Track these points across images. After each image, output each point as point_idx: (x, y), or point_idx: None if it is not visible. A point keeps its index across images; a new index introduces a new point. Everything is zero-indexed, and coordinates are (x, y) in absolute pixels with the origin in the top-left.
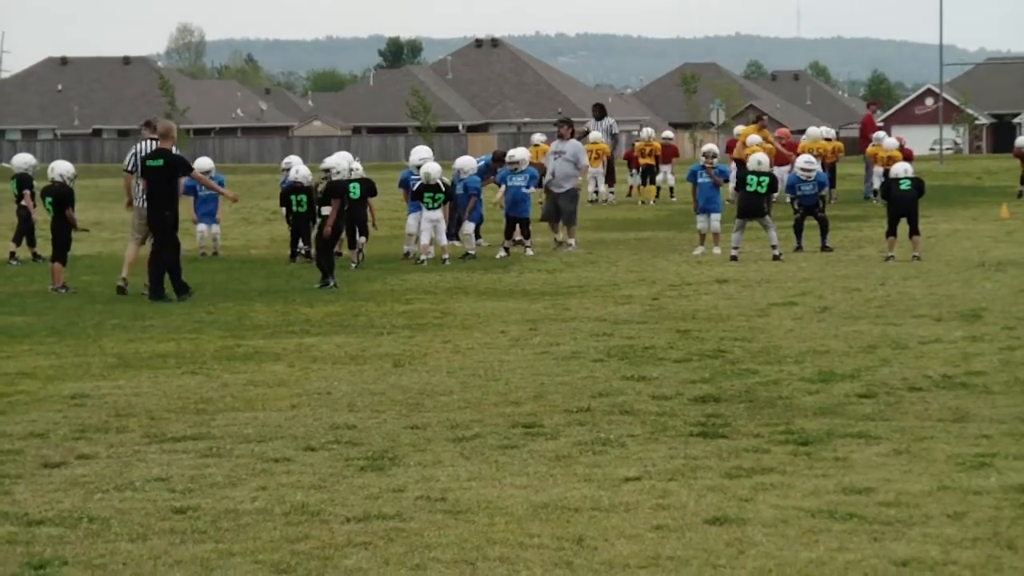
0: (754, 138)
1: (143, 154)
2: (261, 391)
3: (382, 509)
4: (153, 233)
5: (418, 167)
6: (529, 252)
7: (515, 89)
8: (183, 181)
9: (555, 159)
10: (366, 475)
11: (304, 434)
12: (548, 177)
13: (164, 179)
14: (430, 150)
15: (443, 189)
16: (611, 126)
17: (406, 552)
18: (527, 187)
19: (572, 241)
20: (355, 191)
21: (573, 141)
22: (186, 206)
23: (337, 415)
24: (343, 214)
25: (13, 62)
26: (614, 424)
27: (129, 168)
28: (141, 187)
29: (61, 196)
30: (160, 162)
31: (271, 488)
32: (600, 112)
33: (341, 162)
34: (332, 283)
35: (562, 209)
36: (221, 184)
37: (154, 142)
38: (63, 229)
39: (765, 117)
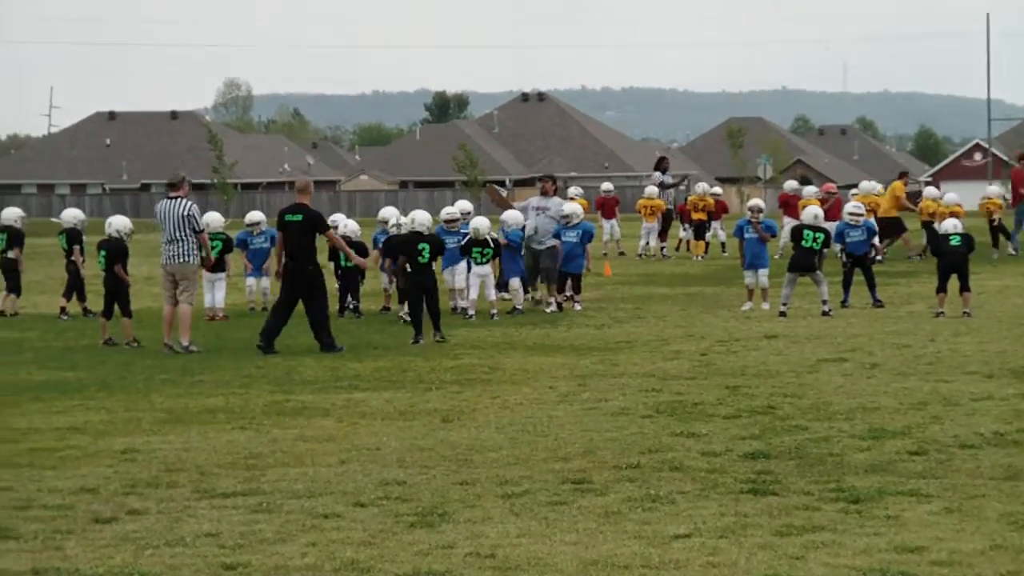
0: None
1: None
2: (310, 446)
3: (432, 566)
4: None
5: (447, 222)
6: (577, 307)
7: (561, 143)
8: (236, 234)
9: (537, 215)
10: (416, 531)
11: (354, 490)
12: (529, 232)
13: (302, 234)
14: (471, 204)
15: (491, 244)
16: (663, 180)
17: None
18: (580, 242)
19: (552, 300)
20: (426, 253)
21: (556, 198)
22: (238, 259)
23: (386, 471)
24: (420, 269)
25: (62, 117)
26: (664, 480)
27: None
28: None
29: (116, 251)
30: (299, 217)
31: (321, 544)
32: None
33: (391, 215)
34: (420, 339)
35: (542, 266)
36: (272, 238)
37: (175, 200)
38: (118, 283)
39: (908, 174)
